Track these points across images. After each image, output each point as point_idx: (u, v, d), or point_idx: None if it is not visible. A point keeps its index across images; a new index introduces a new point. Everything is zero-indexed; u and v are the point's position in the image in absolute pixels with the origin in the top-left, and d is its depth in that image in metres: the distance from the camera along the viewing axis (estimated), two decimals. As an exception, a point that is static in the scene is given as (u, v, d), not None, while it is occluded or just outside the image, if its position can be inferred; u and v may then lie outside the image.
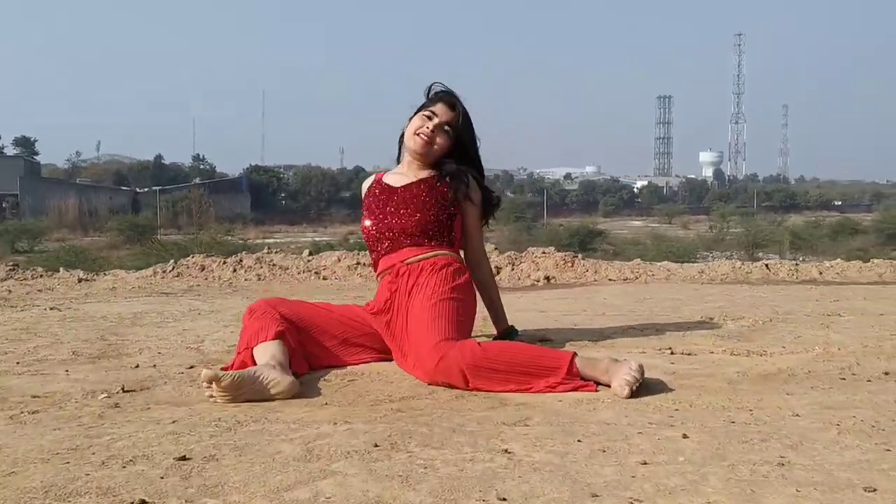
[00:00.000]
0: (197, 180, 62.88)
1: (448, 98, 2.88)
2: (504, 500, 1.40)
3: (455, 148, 2.88)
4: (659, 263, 7.56)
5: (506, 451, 1.68)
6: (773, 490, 1.44)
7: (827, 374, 2.47)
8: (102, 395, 2.23)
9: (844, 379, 2.41)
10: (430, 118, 2.84)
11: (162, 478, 1.53)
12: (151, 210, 49.64)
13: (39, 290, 6.18)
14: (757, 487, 1.45)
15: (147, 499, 1.41)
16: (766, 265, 7.24)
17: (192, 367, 2.65)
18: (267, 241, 29.40)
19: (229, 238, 21.39)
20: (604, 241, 30.57)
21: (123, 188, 61.28)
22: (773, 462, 1.60)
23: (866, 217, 45.78)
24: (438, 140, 2.84)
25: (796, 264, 7.29)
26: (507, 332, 3.02)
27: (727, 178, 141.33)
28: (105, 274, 7.18)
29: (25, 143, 67.70)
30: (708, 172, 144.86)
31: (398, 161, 3.02)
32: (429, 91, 2.95)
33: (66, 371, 2.67)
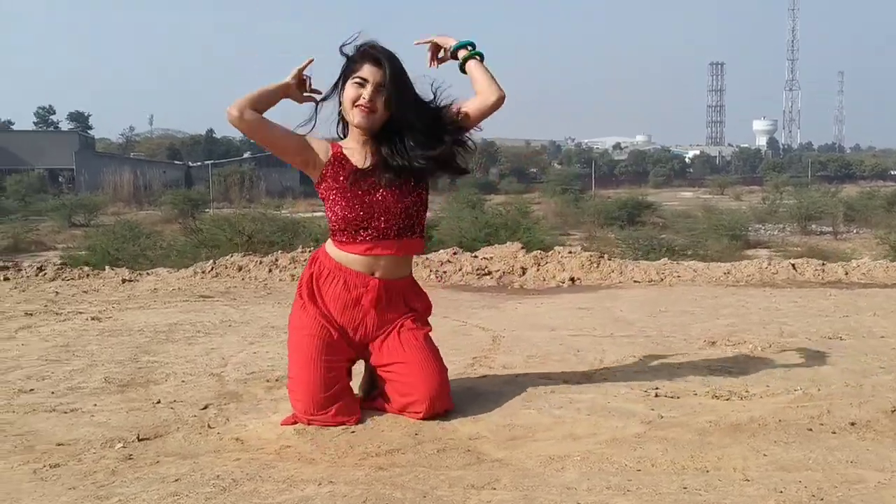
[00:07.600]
0: (247, 154, 63.78)
1: (371, 54, 2.70)
2: (446, 584, 1.59)
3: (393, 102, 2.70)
4: (686, 263, 7.63)
5: (464, 522, 1.87)
6: (689, 578, 1.61)
7: (796, 423, 2.60)
8: (119, 445, 2.46)
9: (811, 430, 2.54)
10: (362, 85, 2.68)
11: (155, 550, 1.75)
12: (204, 184, 50.57)
13: (85, 292, 6.52)
14: (676, 573, 1.62)
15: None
16: (793, 265, 7.27)
17: (205, 408, 2.89)
18: (315, 213, 29.82)
19: (278, 213, 21.79)
20: (653, 214, 29.85)
21: (176, 162, 62.51)
22: (702, 541, 1.76)
23: (924, 188, 44.66)
24: (378, 106, 2.69)
25: (823, 264, 7.31)
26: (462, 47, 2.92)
27: (781, 147, 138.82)
28: (148, 274, 7.52)
29: (80, 119, 69.39)
30: (762, 141, 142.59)
31: (345, 135, 2.86)
32: (352, 49, 2.73)
33: (95, 405, 2.94)
